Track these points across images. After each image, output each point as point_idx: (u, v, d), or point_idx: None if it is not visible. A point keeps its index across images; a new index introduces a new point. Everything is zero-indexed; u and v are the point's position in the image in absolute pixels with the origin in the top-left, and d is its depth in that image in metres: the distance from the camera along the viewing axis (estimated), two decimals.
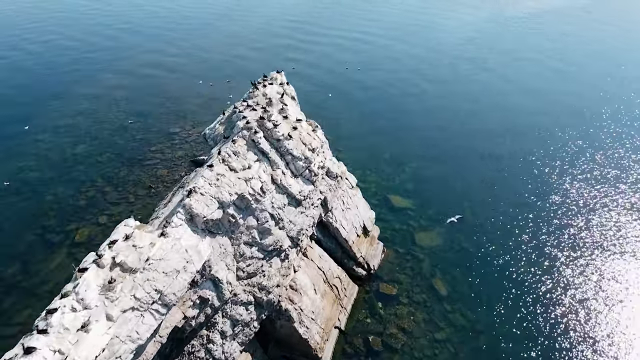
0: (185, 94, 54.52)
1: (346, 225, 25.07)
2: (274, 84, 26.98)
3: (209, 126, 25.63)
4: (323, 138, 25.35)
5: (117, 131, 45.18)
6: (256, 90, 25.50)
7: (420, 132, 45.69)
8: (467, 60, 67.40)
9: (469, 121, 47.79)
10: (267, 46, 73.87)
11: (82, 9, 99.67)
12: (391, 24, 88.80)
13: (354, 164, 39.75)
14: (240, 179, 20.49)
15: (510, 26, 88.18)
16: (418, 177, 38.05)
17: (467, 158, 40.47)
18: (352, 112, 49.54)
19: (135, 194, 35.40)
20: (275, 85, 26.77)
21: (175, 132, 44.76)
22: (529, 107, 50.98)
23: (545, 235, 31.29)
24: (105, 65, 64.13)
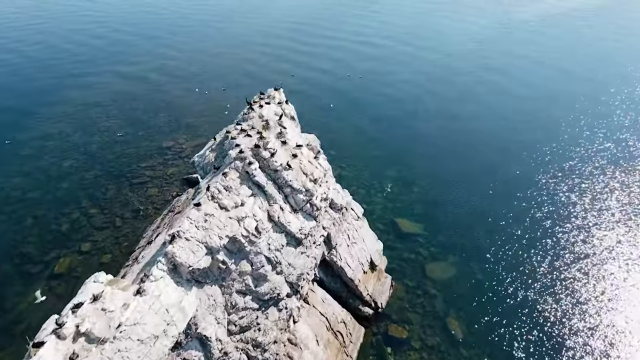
0: (179, 103, 51.95)
1: (352, 263, 22.48)
2: (271, 103, 24.40)
3: (198, 153, 23.04)
4: (326, 165, 22.75)
5: (107, 145, 42.57)
6: (251, 112, 22.91)
7: (427, 146, 43.07)
8: (475, 66, 64.83)
9: (481, 135, 45.19)
10: (267, 50, 71.29)
11: (77, 9, 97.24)
12: (394, 28, 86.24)
13: (358, 182, 37.31)
14: (232, 219, 17.92)
15: (519, 29, 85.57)
16: (427, 198, 35.43)
17: (480, 177, 37.83)
18: (355, 124, 46.92)
19: (123, 217, 32.76)
20: (272, 105, 24.20)
21: (168, 147, 42.14)
22: (546, 120, 48.40)
23: (568, 264, 28.69)
24: (98, 70, 61.58)
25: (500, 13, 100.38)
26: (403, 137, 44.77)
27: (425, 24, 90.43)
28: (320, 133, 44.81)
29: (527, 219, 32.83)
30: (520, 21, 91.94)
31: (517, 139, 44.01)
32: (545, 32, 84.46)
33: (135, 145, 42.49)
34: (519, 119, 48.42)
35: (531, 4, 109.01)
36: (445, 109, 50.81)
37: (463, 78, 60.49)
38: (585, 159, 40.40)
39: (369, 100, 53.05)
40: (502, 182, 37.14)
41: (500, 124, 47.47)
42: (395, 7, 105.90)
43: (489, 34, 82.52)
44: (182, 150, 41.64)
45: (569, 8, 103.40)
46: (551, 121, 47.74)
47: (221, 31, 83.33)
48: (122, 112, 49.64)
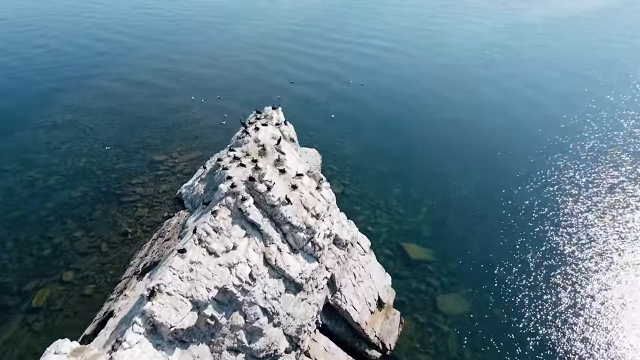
0: (174, 111, 49.61)
1: (358, 305, 20.17)
2: (268, 124, 22.08)
3: (186, 183, 20.76)
4: (330, 195, 20.40)
5: (96, 158, 40.22)
6: (246, 135, 20.57)
7: (435, 160, 40.70)
8: (485, 72, 62.49)
9: (494, 148, 42.79)
10: (267, 55, 68.97)
11: (73, 10, 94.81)
12: (396, 30, 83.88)
13: (362, 201, 34.99)
14: (223, 266, 15.63)
15: (525, 31, 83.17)
16: (435, 219, 33.10)
17: (494, 195, 35.45)
18: (358, 136, 44.56)
19: (109, 242, 30.43)
20: (270, 127, 21.87)
21: (160, 161, 39.80)
22: (567, 132, 46.08)
23: (593, 294, 26.38)
24: (92, 74, 59.37)
25: (506, 14, 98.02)
26: (408, 150, 42.42)
27: (429, 26, 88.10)
28: (321, 146, 42.68)
29: (547, 242, 30.52)
30: (526, 23, 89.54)
31: (535, 153, 41.62)
32: (552, 33, 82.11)
33: (126, 159, 40.15)
34: (537, 130, 46.06)
35: (536, 5, 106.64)
36: (454, 118, 48.42)
37: (473, 85, 58.14)
38: (613, 177, 38.10)
39: (372, 109, 50.69)
40: (519, 201, 34.79)
41: (517, 136, 45.02)
42: (397, 9, 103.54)
43: (496, 36, 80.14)
44: (175, 165, 39.30)
45: (576, 10, 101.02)
46: (572, 133, 45.41)
47: (222, 34, 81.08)
48: (115, 121, 47.31)
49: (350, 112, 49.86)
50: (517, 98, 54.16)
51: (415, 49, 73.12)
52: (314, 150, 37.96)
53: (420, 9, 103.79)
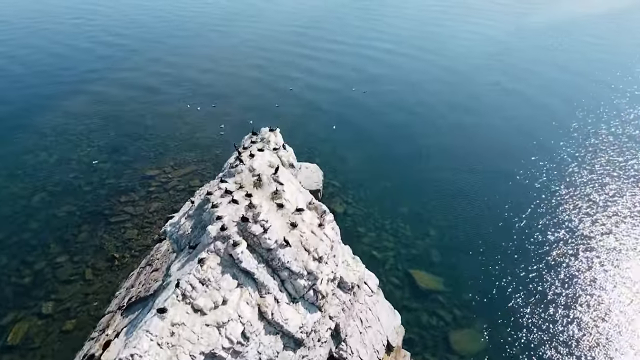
0: (169, 121, 47.37)
1: (365, 355, 17.95)
2: (265, 149, 19.87)
3: (172, 220, 18.48)
4: (334, 232, 18.15)
5: (84, 174, 37.99)
6: (240, 164, 18.35)
7: (443, 175, 38.42)
8: (496, 79, 60.27)
9: (507, 158, 40.55)
10: (266, 60, 66.65)
11: (64, 11, 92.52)
12: (400, 34, 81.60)
13: (366, 222, 32.76)
14: (210, 326, 13.42)
15: (534, 35, 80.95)
16: (445, 243, 30.86)
17: (509, 216, 33.14)
18: (361, 149, 42.28)
19: (94, 268, 28.24)
20: (267, 152, 19.68)
21: (152, 176, 37.57)
22: (580, 142, 43.88)
23: (618, 329, 24.20)
24: (83, 81, 56.84)
25: (512, 17, 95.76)
26: (415, 162, 40.22)
27: (434, 29, 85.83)
28: (322, 159, 40.46)
29: (568, 270, 28.29)
30: (534, 28, 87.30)
31: (554, 167, 39.36)
32: (562, 36, 79.87)
33: (116, 174, 37.94)
34: (555, 140, 43.80)
35: (544, 8, 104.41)
36: (463, 128, 46.18)
37: (481, 91, 55.89)
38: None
39: (376, 118, 48.46)
40: (537, 222, 32.56)
41: (533, 147, 42.67)
42: (400, 11, 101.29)
43: (504, 40, 77.90)
44: (168, 181, 37.08)
45: (583, 14, 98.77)
46: (592, 144, 43.20)
47: (220, 37, 78.77)
48: (107, 131, 45.11)
49: (353, 121, 47.60)
50: (532, 106, 51.87)
51: (420, 52, 70.81)
52: (314, 166, 35.81)
53: (423, 11, 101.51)
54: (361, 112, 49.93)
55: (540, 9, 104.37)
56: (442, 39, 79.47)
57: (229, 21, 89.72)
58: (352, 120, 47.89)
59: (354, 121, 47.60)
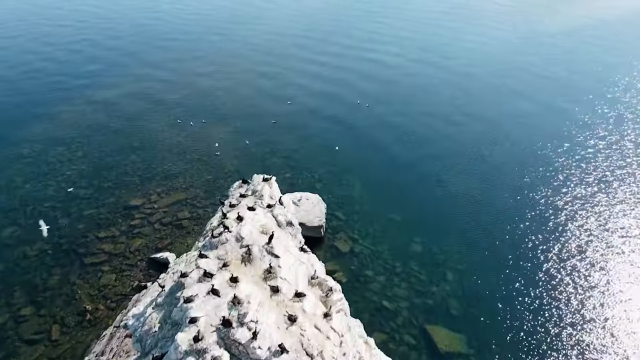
0: (157, 139, 43.65)
1: None
2: (257, 207, 16.16)
3: (134, 310, 14.72)
4: (342, 319, 14.38)
5: (61, 203, 34.28)
6: (225, 232, 14.62)
7: (459, 205, 34.73)
8: (512, 93, 56.57)
9: (529, 184, 36.92)
10: (264, 69, 62.93)
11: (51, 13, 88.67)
12: (409, 41, 77.87)
13: (374, 263, 29.10)
14: None
15: (546, 43, 77.21)
16: (466, 290, 27.16)
17: (538, 256, 29.47)
18: (367, 173, 38.57)
19: (63, 324, 24.56)
20: (259, 211, 15.99)
21: (136, 206, 33.87)
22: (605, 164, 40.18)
23: None
24: (69, 94, 53.02)
25: (521, 23, 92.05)
26: (426, 190, 36.52)
27: (441, 33, 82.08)
28: (324, 187, 36.67)
29: (613, 325, 24.62)
30: (545, 34, 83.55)
31: (580, 198, 35.75)
32: (575, 42, 76.18)
33: (96, 204, 34.24)
34: (578, 166, 40.16)
35: (555, 12, 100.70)
36: (478, 147, 42.41)
37: (498, 105, 52.18)
38: None
39: (382, 136, 44.67)
40: (570, 262, 28.89)
41: (565, 177, 39.12)
42: (405, 14, 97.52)
43: (516, 45, 74.21)
44: (153, 212, 33.35)
45: (596, 19, 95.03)
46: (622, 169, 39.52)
47: (216, 44, 74.97)
48: (89, 151, 41.38)
49: (358, 140, 43.85)
50: (553, 121, 48.20)
51: (428, 57, 67.09)
52: (316, 197, 32.18)
53: (428, 15, 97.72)
54: (366, 129, 46.15)
55: (551, 13, 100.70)
56: (449, 44, 75.69)
57: (226, 27, 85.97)
58: (356, 139, 44.13)
59: (359, 140, 43.83)
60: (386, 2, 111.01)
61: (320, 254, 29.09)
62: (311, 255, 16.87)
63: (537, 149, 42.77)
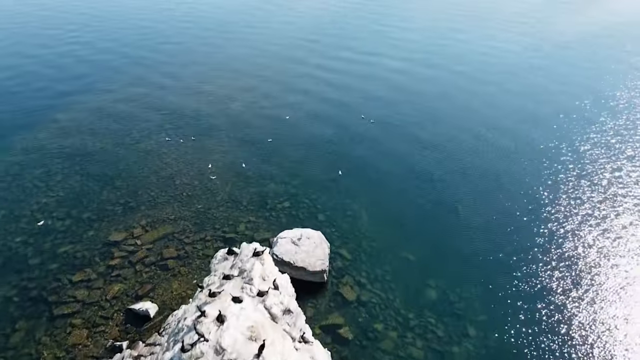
0: (143, 162, 39.99)
1: None
2: (244, 294, 12.57)
3: None
4: None
5: (34, 238, 30.65)
6: (200, 340, 11.01)
7: (479, 240, 31.15)
8: (527, 101, 53.02)
9: (558, 212, 33.38)
10: (260, 81, 59.45)
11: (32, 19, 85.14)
12: (413, 48, 74.30)
13: (384, 314, 25.51)
14: None
15: (561, 51, 73.69)
16: (491, 350, 23.58)
17: (576, 311, 25.93)
18: (374, 201, 34.94)
19: None
20: (248, 302, 12.41)
21: (116, 242, 30.25)
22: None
23: None
24: (41, 109, 49.22)
25: (533, 29, 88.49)
26: (440, 222, 32.93)
27: (450, 41, 78.50)
28: (327, 219, 32.79)
29: None
30: (558, 41, 79.95)
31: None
32: (591, 50, 72.63)
33: (72, 239, 30.63)
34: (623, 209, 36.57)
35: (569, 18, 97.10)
36: (506, 176, 38.86)
37: (517, 121, 48.59)
38: None
39: (389, 157, 41.03)
40: (613, 322, 25.30)
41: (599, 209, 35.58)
42: (412, 20, 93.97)
43: (529, 55, 70.66)
44: (135, 250, 29.74)
45: (611, 23, 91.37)
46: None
47: (211, 52, 71.47)
48: (68, 176, 37.77)
49: (362, 162, 40.22)
50: (577, 140, 44.63)
51: (437, 67, 63.57)
52: (318, 235, 28.58)
53: (436, 19, 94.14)
54: (372, 149, 42.54)
55: (565, 20, 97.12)
56: (459, 52, 72.09)
57: (222, 33, 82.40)
58: (361, 160, 40.50)
59: (364, 162, 40.21)
60: (389, 6, 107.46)
61: (322, 302, 25.65)
62: (315, 347, 13.27)
63: (577, 174, 39.21)
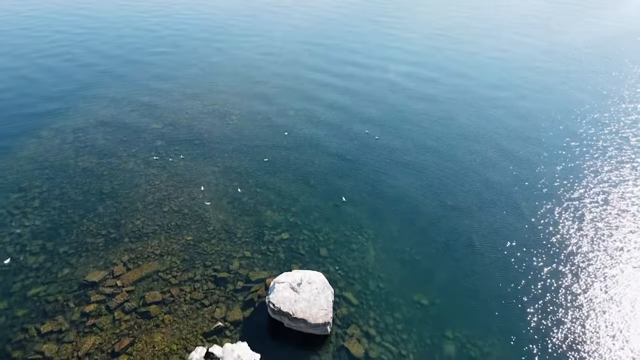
0: (130, 184, 36.78)
1: None
2: None
3: None
4: None
5: (4, 277, 27.42)
6: None
7: (503, 282, 27.95)
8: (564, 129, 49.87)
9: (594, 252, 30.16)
10: (256, 91, 56.24)
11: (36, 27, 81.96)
12: (430, 55, 71.18)
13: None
14: None
15: (577, 59, 70.58)
16: None
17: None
18: (383, 237, 31.60)
19: None
20: None
21: (94, 284, 26.99)
22: None
23: None
24: (23, 121, 46.18)
25: (545, 35, 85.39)
26: (459, 261, 29.64)
27: (457, 50, 75.38)
28: (330, 254, 29.19)
29: None
30: (571, 46, 76.84)
31: None
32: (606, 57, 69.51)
33: (45, 279, 27.39)
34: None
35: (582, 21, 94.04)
36: (527, 202, 35.67)
37: (549, 140, 45.45)
38: None
39: (399, 182, 37.73)
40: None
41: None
42: (424, 23, 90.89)
43: (553, 61, 67.56)
44: (114, 293, 26.48)
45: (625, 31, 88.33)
46: None
47: (207, 59, 68.19)
48: (47, 202, 34.47)
49: (368, 187, 36.88)
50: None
51: (451, 74, 60.45)
52: (320, 279, 25.32)
53: (441, 26, 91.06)
54: (378, 170, 39.24)
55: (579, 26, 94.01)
56: (470, 60, 68.98)
57: (218, 39, 79.17)
58: (366, 184, 37.19)
59: (370, 186, 36.90)
60: (399, 9, 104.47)
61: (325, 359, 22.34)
62: None
63: (617, 209, 35.99)
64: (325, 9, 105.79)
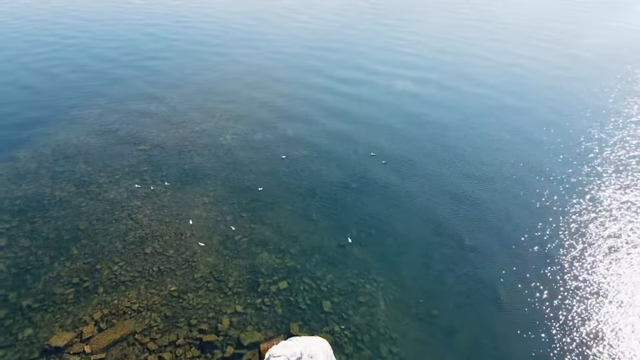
0: (110, 218, 32.88)
1: None
2: None
3: None
4: None
5: None
6: None
7: (541, 352, 24.11)
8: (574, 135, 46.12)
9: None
10: (256, 105, 52.49)
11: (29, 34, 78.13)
12: (443, 62, 67.44)
13: None
14: None
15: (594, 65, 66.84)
16: None
17: None
18: (394, 287, 27.72)
19: None
20: None
21: (58, 349, 23.08)
22: None
23: None
24: (11, 141, 42.56)
25: (560, 38, 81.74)
26: (479, 313, 25.82)
27: (468, 59, 71.67)
28: (334, 310, 25.31)
29: None
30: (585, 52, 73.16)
31: None
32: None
33: (2, 342, 23.48)
34: None
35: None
36: (550, 245, 31.87)
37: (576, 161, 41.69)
38: None
39: (410, 219, 33.84)
40: None
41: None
42: (438, 28, 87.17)
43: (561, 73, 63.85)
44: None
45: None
46: None
47: (203, 69, 64.40)
48: (14, 241, 30.50)
49: (374, 224, 32.83)
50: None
51: (460, 94, 56.73)
52: (324, 349, 21.36)
53: (448, 36, 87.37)
54: (387, 201, 35.34)
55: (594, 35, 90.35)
56: (490, 62, 65.24)
57: (215, 51, 75.41)
58: (373, 220, 33.15)
59: (377, 223, 32.87)
60: (405, 14, 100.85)
61: None
62: None
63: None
64: (325, 17, 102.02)
